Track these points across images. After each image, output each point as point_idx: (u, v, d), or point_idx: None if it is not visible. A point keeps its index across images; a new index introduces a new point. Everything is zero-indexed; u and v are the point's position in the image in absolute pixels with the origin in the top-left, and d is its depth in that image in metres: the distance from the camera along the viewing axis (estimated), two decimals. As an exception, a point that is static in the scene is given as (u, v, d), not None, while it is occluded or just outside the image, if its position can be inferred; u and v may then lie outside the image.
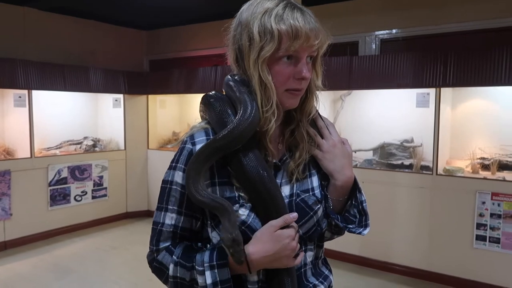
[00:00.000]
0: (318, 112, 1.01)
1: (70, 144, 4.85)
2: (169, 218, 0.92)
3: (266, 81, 0.87)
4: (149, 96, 5.14)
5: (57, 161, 4.40)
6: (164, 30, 5.60)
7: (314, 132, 0.99)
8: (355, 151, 3.76)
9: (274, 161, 0.95)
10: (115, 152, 5.00)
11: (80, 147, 4.86)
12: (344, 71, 3.60)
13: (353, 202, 1.00)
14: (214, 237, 0.92)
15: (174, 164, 0.94)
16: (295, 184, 0.96)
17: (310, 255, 0.98)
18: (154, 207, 0.97)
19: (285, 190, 0.95)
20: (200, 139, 0.93)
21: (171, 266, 0.90)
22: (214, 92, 0.97)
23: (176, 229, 0.92)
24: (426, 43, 3.82)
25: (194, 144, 0.92)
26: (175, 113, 5.47)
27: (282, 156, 0.97)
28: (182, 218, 0.92)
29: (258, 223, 0.89)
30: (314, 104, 0.98)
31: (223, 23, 0.97)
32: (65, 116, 4.86)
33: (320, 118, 1.02)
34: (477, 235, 3.11)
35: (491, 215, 3.05)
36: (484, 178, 3.16)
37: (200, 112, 1.00)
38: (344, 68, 3.60)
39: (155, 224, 0.94)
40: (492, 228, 3.06)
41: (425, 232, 3.34)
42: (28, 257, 3.85)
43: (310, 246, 0.98)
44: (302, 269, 0.96)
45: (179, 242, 0.94)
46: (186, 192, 0.89)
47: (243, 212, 0.88)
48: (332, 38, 0.92)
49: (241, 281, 0.91)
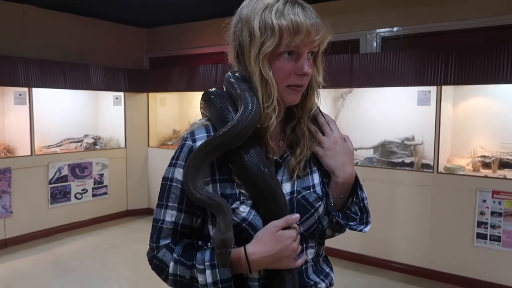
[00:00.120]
0: (319, 109, 1.01)
1: (71, 142, 4.85)
2: (169, 215, 0.92)
3: (267, 77, 0.87)
4: (150, 94, 5.14)
5: (57, 159, 4.40)
6: (165, 27, 5.58)
7: (315, 129, 0.99)
8: (356, 148, 3.75)
9: (275, 158, 0.94)
10: (115, 150, 5.00)
11: (80, 145, 4.86)
12: (345, 69, 3.59)
13: (354, 199, 0.99)
14: (215, 235, 0.91)
15: (174, 161, 0.93)
16: (296, 181, 0.95)
17: (311, 252, 0.97)
18: (155, 205, 0.97)
19: (286, 187, 0.94)
20: (201, 135, 0.92)
21: (171, 264, 0.90)
22: (215, 88, 0.96)
23: (176, 226, 0.92)
24: (427, 41, 3.81)
25: (194, 140, 0.91)
26: (176, 111, 5.47)
27: (283, 153, 0.97)
28: (182, 215, 0.92)
29: (259, 220, 0.88)
30: (315, 101, 0.97)
31: (223, 21, 0.96)
32: (66, 114, 4.86)
33: (321, 114, 1.01)
34: (478, 233, 3.11)
35: (492, 213, 3.05)
36: (485, 176, 3.15)
37: (201, 109, 1.00)
38: (345, 66, 3.59)
39: (155, 221, 0.94)
40: (493, 226, 3.06)
41: (426, 230, 3.33)
42: (29, 255, 3.85)
43: (311, 244, 0.97)
44: (303, 267, 0.95)
45: (179, 240, 0.93)
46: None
47: (244, 209, 0.88)
48: (333, 34, 0.91)
49: (242, 278, 0.90)
